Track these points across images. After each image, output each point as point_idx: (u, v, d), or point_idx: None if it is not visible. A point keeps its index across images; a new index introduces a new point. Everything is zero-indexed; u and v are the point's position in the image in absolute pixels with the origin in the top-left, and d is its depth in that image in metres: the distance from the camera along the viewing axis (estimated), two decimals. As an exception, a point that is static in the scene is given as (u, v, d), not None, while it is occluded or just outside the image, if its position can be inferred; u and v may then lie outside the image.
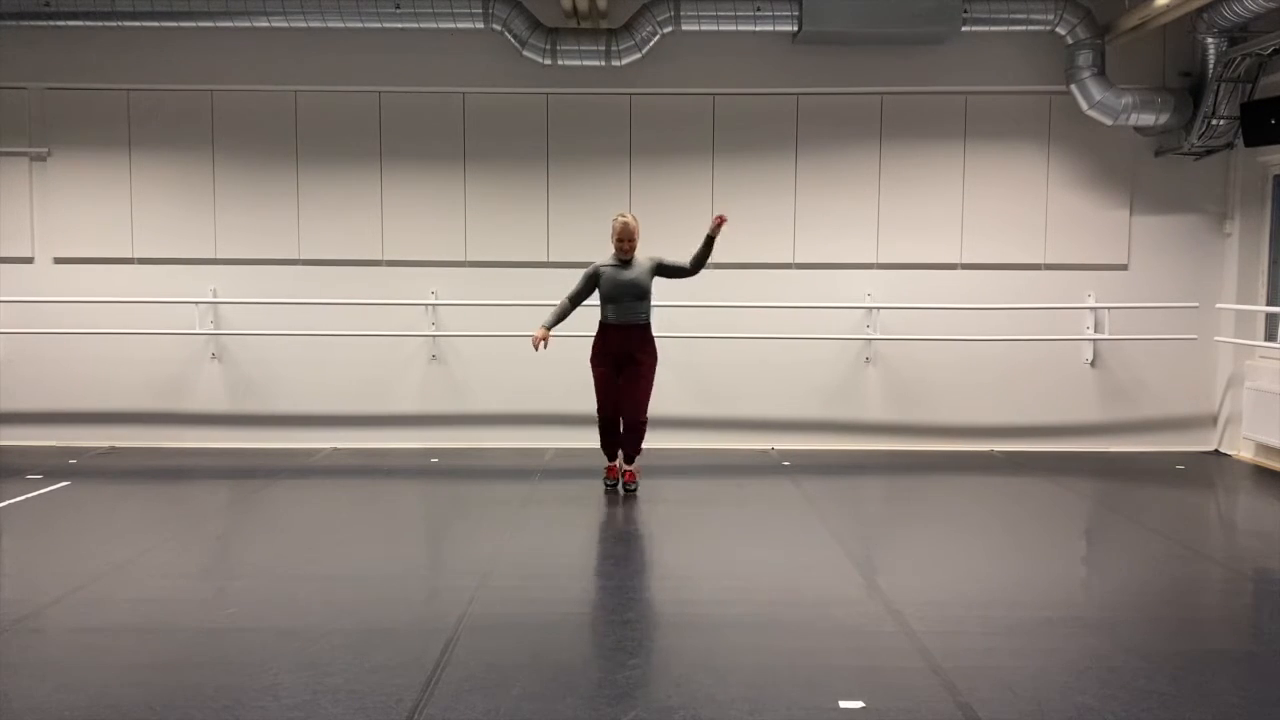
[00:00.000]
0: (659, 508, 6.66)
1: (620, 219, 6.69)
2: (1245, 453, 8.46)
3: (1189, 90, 8.13)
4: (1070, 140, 8.56)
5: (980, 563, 5.62)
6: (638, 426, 6.79)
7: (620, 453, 6.95)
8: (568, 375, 8.46)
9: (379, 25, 7.94)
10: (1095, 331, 8.64)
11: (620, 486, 6.96)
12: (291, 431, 8.70)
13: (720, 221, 6.60)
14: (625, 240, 6.65)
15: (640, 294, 6.67)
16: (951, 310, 8.56)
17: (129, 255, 8.65)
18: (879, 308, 8.61)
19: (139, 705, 3.57)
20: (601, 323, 6.78)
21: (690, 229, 8.44)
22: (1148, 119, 8.09)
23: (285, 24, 7.93)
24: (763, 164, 8.59)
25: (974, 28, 7.97)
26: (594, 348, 6.81)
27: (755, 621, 4.47)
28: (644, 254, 6.79)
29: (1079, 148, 8.57)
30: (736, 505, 6.85)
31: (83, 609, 4.63)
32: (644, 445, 6.95)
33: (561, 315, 6.74)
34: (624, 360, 6.72)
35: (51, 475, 7.48)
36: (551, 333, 6.66)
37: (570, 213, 8.60)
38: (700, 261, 6.71)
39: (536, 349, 6.65)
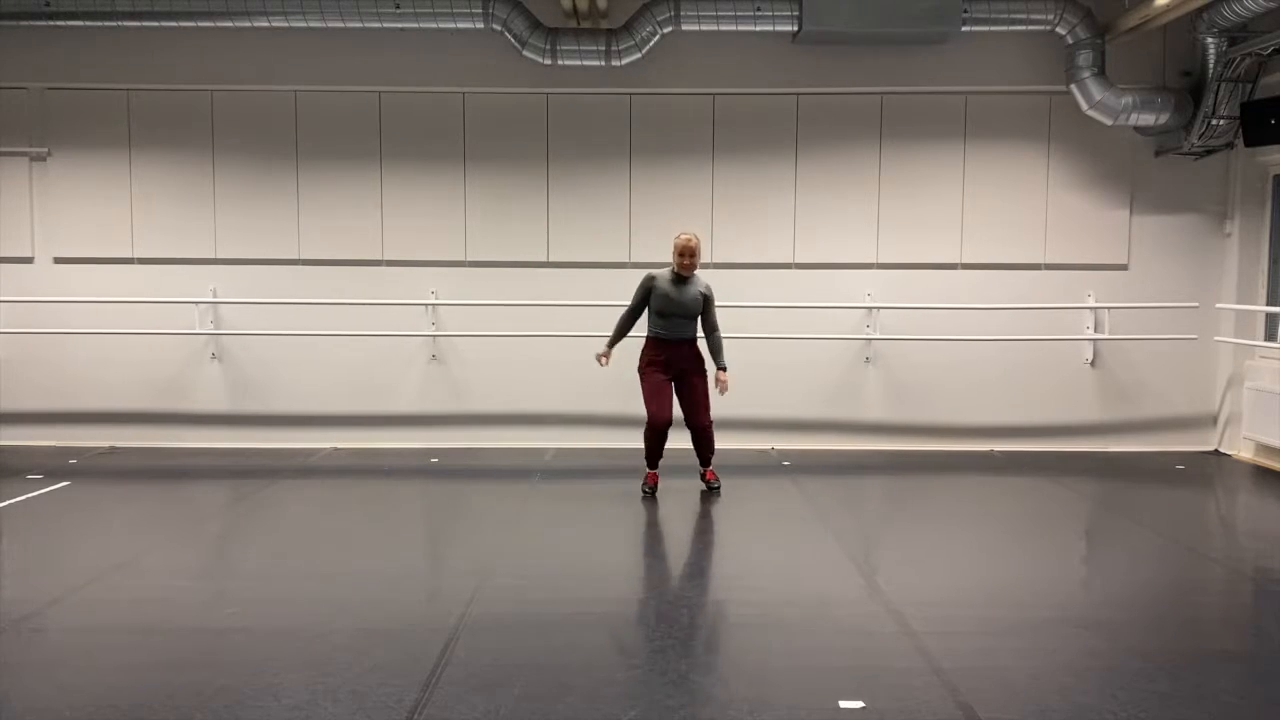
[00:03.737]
0: (659, 508, 6.66)
1: (682, 236, 6.70)
2: (1245, 453, 8.45)
3: (1189, 90, 8.13)
4: (1070, 140, 8.55)
5: (980, 563, 5.62)
6: (706, 430, 6.89)
7: (697, 458, 7.02)
8: (568, 376, 8.50)
9: (379, 25, 7.94)
10: (1095, 331, 8.64)
11: (705, 487, 7.01)
12: (291, 431, 8.70)
13: (722, 386, 6.80)
14: (686, 257, 6.66)
15: (692, 315, 6.73)
16: (951, 310, 8.55)
17: (129, 255, 8.64)
18: (879, 307, 8.61)
19: (139, 705, 3.57)
20: (651, 336, 6.79)
21: (689, 228, 8.45)
22: (1148, 119, 8.09)
23: (285, 24, 7.92)
24: (763, 164, 8.58)
25: (974, 28, 7.96)
26: (644, 359, 6.80)
27: (755, 621, 4.47)
28: (704, 280, 6.83)
29: (1079, 148, 8.57)
30: (736, 505, 6.85)
31: (83, 609, 4.63)
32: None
33: (620, 333, 6.84)
34: (677, 375, 6.79)
35: (51, 475, 7.47)
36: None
37: (570, 213, 8.60)
38: (708, 340, 6.86)
39: (601, 364, 6.82)
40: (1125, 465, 8.22)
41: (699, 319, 6.80)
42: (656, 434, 6.80)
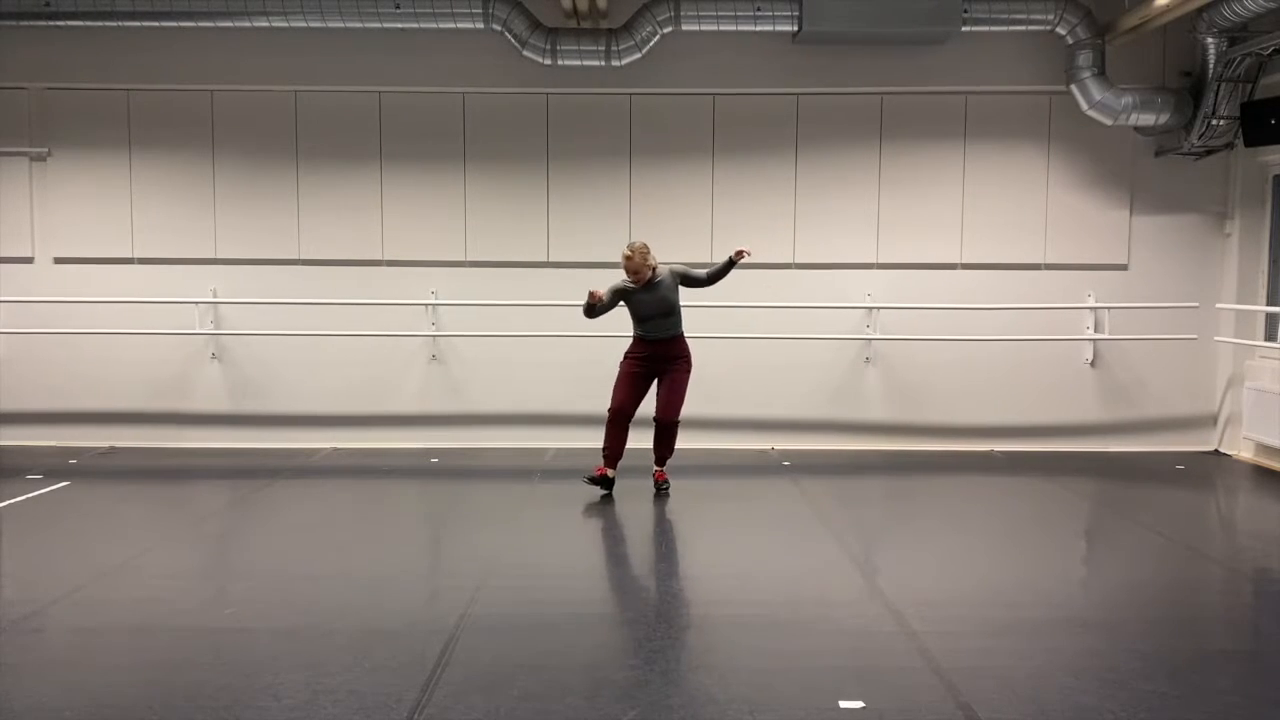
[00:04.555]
0: (659, 508, 6.66)
1: (623, 256, 6.70)
2: (1245, 453, 8.45)
3: (1189, 90, 8.12)
4: (1070, 140, 8.55)
5: (980, 563, 5.62)
6: (671, 427, 6.85)
7: (653, 454, 6.96)
8: (568, 375, 8.50)
9: (379, 25, 7.94)
10: (1095, 331, 8.64)
11: (653, 485, 6.96)
12: (291, 431, 8.69)
13: (742, 254, 6.76)
14: (632, 274, 6.71)
15: (669, 310, 6.76)
16: (951, 310, 8.55)
17: (129, 255, 8.64)
18: (879, 308, 8.61)
19: (139, 705, 3.57)
20: (637, 336, 6.86)
21: (689, 228, 8.50)
22: (1148, 119, 8.09)
23: (285, 24, 7.92)
24: (763, 164, 8.58)
25: (974, 28, 7.96)
26: (629, 351, 6.88)
27: (755, 621, 4.46)
28: (664, 267, 6.79)
29: (1079, 148, 8.56)
30: (736, 505, 6.85)
31: (83, 609, 4.63)
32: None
33: (591, 311, 6.78)
34: (661, 369, 6.81)
35: (51, 475, 7.47)
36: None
37: (570, 213, 8.59)
38: (716, 279, 6.86)
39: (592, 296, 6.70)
40: (1125, 465, 8.22)
41: (679, 311, 6.78)
42: (612, 424, 6.81)
